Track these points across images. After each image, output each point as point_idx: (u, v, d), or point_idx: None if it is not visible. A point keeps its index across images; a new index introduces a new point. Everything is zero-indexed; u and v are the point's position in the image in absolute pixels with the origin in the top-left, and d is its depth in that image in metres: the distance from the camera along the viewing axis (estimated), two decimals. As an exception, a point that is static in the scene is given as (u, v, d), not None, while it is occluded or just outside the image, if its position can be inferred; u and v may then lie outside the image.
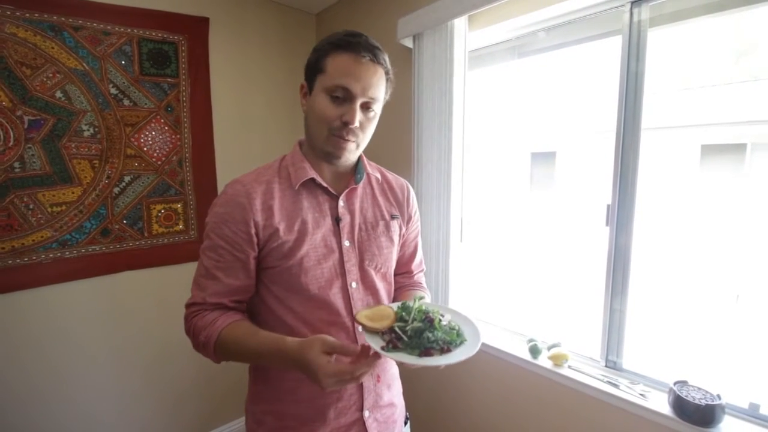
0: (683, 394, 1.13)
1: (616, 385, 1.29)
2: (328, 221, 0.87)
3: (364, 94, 0.79)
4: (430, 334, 0.69)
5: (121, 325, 1.81)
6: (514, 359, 1.52)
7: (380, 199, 0.96)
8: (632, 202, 1.31)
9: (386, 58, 0.82)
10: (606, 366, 1.38)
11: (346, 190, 0.89)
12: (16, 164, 1.51)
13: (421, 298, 0.81)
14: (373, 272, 0.91)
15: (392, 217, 0.96)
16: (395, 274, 1.03)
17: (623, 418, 1.25)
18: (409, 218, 1.01)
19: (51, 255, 1.61)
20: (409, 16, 1.62)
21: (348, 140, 0.81)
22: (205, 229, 0.85)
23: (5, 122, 1.48)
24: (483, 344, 1.58)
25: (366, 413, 0.89)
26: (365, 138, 0.85)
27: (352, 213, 0.90)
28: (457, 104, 1.55)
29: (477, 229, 1.85)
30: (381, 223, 0.94)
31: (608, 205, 1.35)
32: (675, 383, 1.18)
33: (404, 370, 0.94)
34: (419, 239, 1.09)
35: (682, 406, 1.12)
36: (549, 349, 1.47)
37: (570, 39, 1.51)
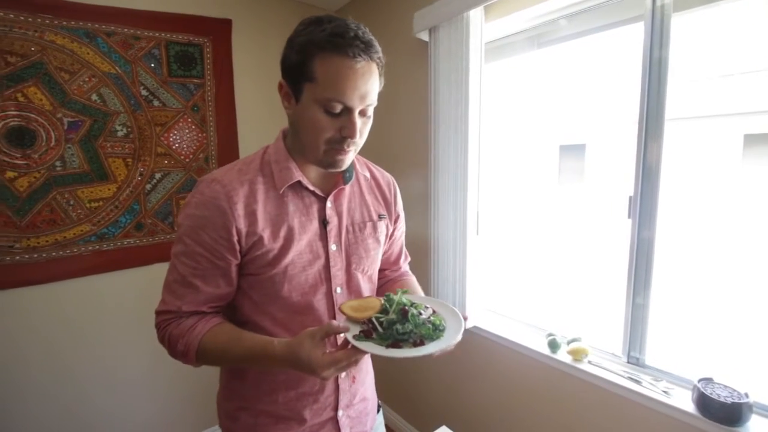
0: (708, 392, 1.09)
1: (638, 382, 1.26)
2: (315, 224, 0.82)
3: (363, 102, 0.71)
4: (400, 326, 0.69)
5: (152, 313, 1.91)
6: (533, 353, 1.50)
7: (368, 198, 0.91)
8: (656, 194, 1.26)
9: (379, 50, 0.73)
10: (628, 362, 1.35)
11: (335, 191, 0.84)
12: (58, 163, 1.62)
13: (405, 291, 0.78)
14: (359, 275, 0.88)
15: (380, 217, 0.92)
16: (383, 269, 1.02)
17: (645, 415, 1.22)
18: (397, 217, 0.98)
19: (90, 248, 1.73)
20: (425, 9, 1.62)
21: (348, 151, 0.76)
22: (177, 231, 0.77)
23: (47, 124, 1.59)
24: (501, 337, 1.59)
25: (340, 412, 0.89)
26: (363, 141, 0.79)
27: (339, 215, 0.85)
28: (473, 97, 1.53)
29: (496, 223, 1.84)
30: (368, 224, 0.89)
31: (630, 197, 1.32)
32: (699, 380, 1.14)
33: (411, 359, 0.94)
34: (404, 236, 1.07)
35: (706, 404, 1.08)
36: (568, 343, 1.45)
37: (591, 26, 1.47)
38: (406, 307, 0.73)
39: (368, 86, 0.71)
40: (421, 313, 0.74)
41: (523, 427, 1.59)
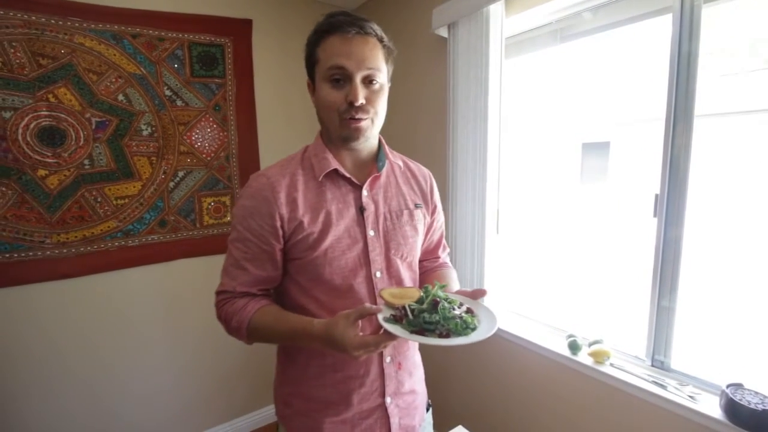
0: (737, 398, 1.05)
1: (663, 386, 1.22)
2: (352, 211, 0.87)
3: (361, 67, 0.77)
4: (427, 315, 0.72)
5: (175, 308, 1.97)
6: (552, 354, 1.48)
7: (404, 187, 0.95)
8: (683, 193, 1.22)
9: (375, 27, 0.80)
10: (652, 365, 1.31)
11: (369, 179, 0.88)
12: (86, 161, 1.68)
13: (443, 286, 0.80)
14: (399, 261, 0.91)
15: (416, 206, 0.95)
16: (422, 260, 1.04)
17: (670, 421, 1.18)
18: (434, 208, 1.01)
19: (116, 243, 1.78)
20: (444, 5, 1.60)
21: (360, 119, 0.80)
22: (232, 220, 0.87)
23: (76, 124, 1.65)
24: (519, 337, 1.57)
25: (388, 399, 0.91)
26: (378, 114, 0.83)
27: (376, 202, 0.89)
28: (493, 93, 1.51)
29: (516, 221, 1.81)
30: (405, 212, 0.93)
31: (656, 195, 1.27)
32: (728, 386, 1.10)
33: (431, 358, 0.95)
34: (443, 227, 1.10)
35: (735, 410, 1.04)
36: (590, 345, 1.42)
37: (617, 19, 1.42)
38: (438, 299, 0.75)
39: (364, 53, 0.77)
40: (454, 309, 0.74)
41: (541, 429, 1.57)
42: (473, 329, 0.73)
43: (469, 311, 0.78)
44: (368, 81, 0.79)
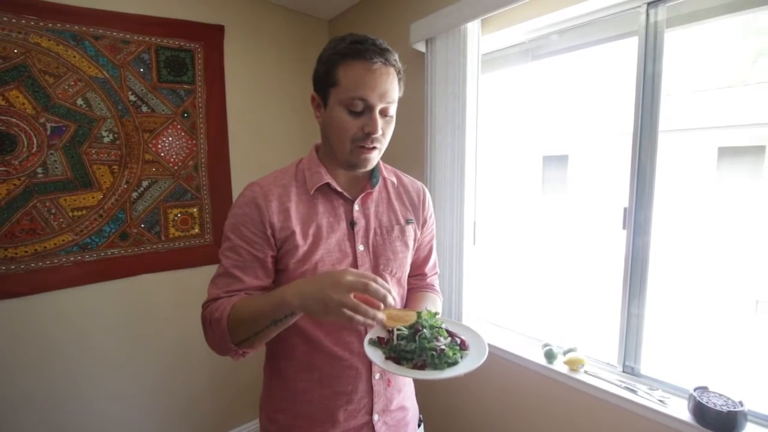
0: (704, 401, 1.11)
1: (634, 391, 1.27)
2: (343, 226, 0.87)
3: (382, 100, 0.78)
4: (404, 343, 0.71)
5: (138, 327, 1.84)
6: (529, 364, 1.51)
7: (396, 203, 0.96)
8: (650, 205, 1.29)
9: (396, 58, 0.82)
10: (623, 371, 1.37)
11: (362, 195, 0.89)
12: (39, 170, 1.55)
13: (436, 314, 0.79)
14: (387, 277, 0.91)
15: (407, 221, 0.96)
16: (408, 276, 1.03)
17: (641, 425, 1.23)
18: (424, 222, 1.01)
19: (72, 258, 1.65)
20: (422, 20, 1.63)
21: (372, 148, 0.82)
22: (224, 232, 0.85)
23: (29, 129, 1.52)
24: (497, 348, 1.58)
25: (375, 417, 0.90)
26: (386, 142, 0.85)
27: (367, 217, 0.90)
28: (470, 108, 1.55)
29: (490, 233, 1.84)
30: (396, 227, 0.93)
31: (625, 208, 1.34)
32: (695, 389, 1.15)
33: None
34: (434, 243, 1.09)
35: (702, 413, 1.10)
36: (564, 353, 1.46)
37: (585, 41, 1.50)
38: (419, 327, 0.74)
39: (386, 86, 0.78)
40: (437, 339, 0.73)
41: (520, 438, 1.59)
42: (451, 364, 0.71)
43: (462, 343, 0.77)
44: (384, 112, 0.81)
